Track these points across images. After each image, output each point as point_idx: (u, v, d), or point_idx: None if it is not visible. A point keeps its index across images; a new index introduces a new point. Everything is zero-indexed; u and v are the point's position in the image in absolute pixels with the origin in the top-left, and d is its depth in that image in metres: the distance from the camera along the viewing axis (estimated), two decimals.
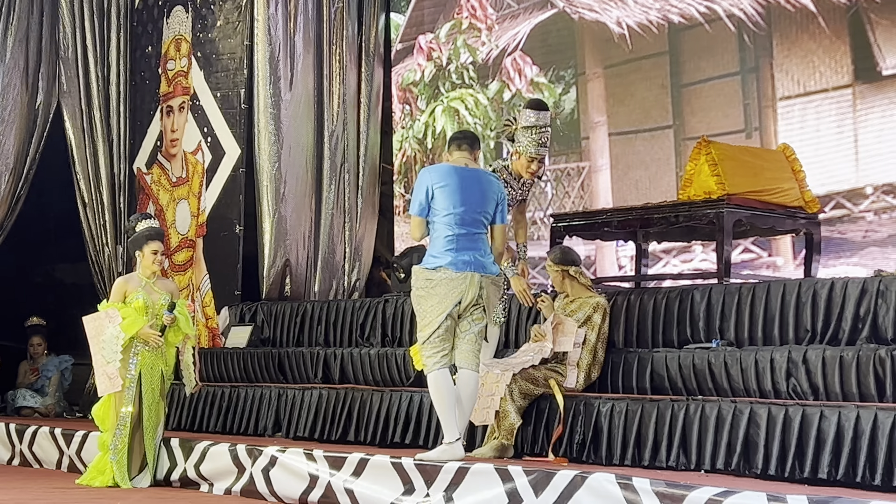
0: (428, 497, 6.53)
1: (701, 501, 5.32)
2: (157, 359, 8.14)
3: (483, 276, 6.75)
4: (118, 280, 8.34)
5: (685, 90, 9.99)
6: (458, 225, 6.72)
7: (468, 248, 6.72)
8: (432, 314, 6.69)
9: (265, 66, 10.98)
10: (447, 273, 6.67)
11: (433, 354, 6.69)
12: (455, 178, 6.77)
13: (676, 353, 7.21)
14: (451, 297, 6.67)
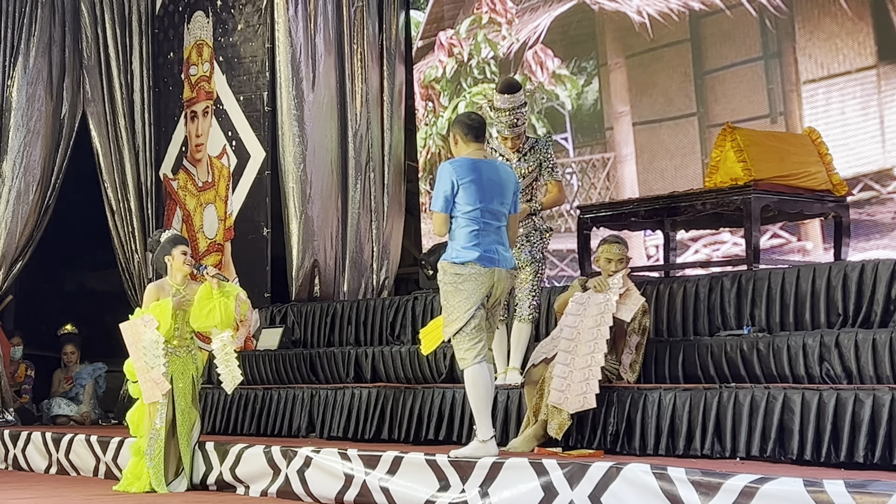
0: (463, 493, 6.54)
1: (737, 489, 5.30)
2: (187, 363, 8.16)
3: (508, 270, 6.78)
4: (150, 286, 8.34)
5: (708, 77, 9.94)
6: (483, 219, 6.71)
7: (495, 241, 6.72)
8: (461, 309, 6.67)
9: (287, 67, 11.00)
10: (475, 268, 6.65)
11: (471, 348, 6.65)
12: (478, 173, 6.74)
13: (708, 340, 7.19)
14: (480, 292, 6.65)
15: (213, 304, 8.01)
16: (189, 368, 8.16)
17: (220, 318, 8.02)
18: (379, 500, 7.00)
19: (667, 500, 5.60)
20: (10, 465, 10.45)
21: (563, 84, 10.86)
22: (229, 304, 8.03)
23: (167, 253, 8.24)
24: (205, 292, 8.03)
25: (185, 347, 8.18)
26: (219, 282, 8.05)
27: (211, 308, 8.00)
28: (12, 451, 10.44)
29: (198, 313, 8.03)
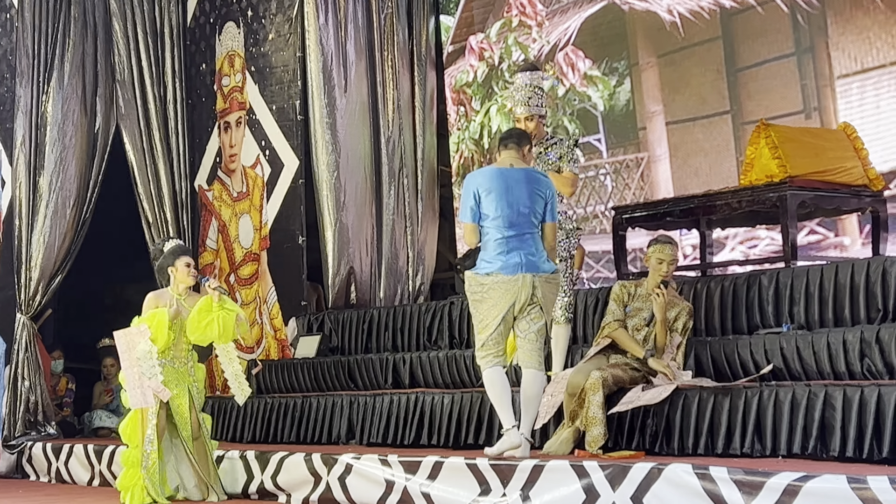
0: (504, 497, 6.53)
1: (781, 487, 5.28)
2: (182, 375, 8.11)
3: (536, 275, 6.77)
4: (149, 295, 8.26)
5: (741, 74, 9.90)
6: (507, 227, 6.77)
7: (518, 248, 6.76)
8: (488, 318, 6.79)
9: (318, 76, 11.03)
10: (499, 277, 6.74)
11: (487, 356, 6.82)
12: (500, 181, 6.81)
13: (747, 339, 7.16)
14: (506, 300, 6.74)
15: (212, 317, 7.97)
16: (185, 380, 8.10)
17: (218, 331, 7.98)
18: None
19: (710, 500, 5.58)
20: (53, 478, 10.53)
21: (594, 85, 10.84)
22: (229, 319, 8.00)
23: (170, 264, 8.22)
24: (204, 304, 7.99)
25: (181, 359, 8.12)
26: (220, 295, 8.00)
27: (209, 321, 7.96)
28: (55, 464, 10.51)
29: (195, 324, 7.98)
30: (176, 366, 8.10)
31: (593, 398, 6.93)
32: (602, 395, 6.93)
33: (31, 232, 11.59)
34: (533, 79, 7.76)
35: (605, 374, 7.00)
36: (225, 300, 8.04)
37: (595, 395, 6.92)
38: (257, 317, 11.48)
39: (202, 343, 8.15)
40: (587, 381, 6.99)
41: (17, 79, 11.80)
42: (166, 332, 7.97)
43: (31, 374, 11.48)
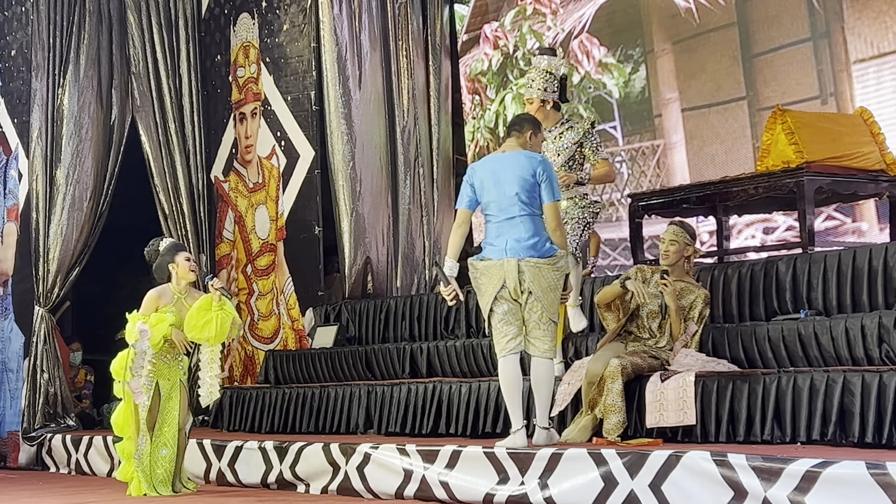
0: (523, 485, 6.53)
1: (799, 474, 5.27)
2: (173, 368, 8.09)
3: (521, 260, 6.73)
4: (151, 292, 8.19)
5: (756, 60, 9.87)
6: (497, 212, 6.86)
7: (505, 233, 6.80)
8: (483, 304, 6.87)
9: (333, 66, 11.03)
10: (488, 262, 6.84)
11: (499, 340, 6.83)
12: (488, 168, 6.92)
13: (765, 325, 7.14)
14: (493, 284, 6.79)
15: (211, 317, 7.92)
16: (175, 373, 8.09)
17: (214, 332, 7.94)
18: (439, 495, 7.01)
19: (728, 488, 5.57)
20: (72, 469, 10.57)
21: (609, 73, 10.82)
22: (225, 321, 7.96)
23: (171, 260, 8.17)
24: (204, 303, 7.95)
25: (174, 353, 8.09)
26: (220, 295, 7.97)
27: (207, 320, 7.92)
28: (75, 455, 10.56)
29: (193, 322, 7.93)
30: (168, 360, 8.09)
31: (612, 386, 6.92)
32: (621, 383, 6.93)
33: (48, 225, 11.63)
34: (538, 62, 7.87)
35: (625, 361, 7.00)
36: (225, 302, 8.01)
37: (614, 383, 6.92)
38: (274, 307, 11.51)
39: (197, 341, 8.11)
40: (606, 368, 6.99)
41: (33, 72, 11.84)
42: (161, 338, 7.98)
43: (50, 366, 11.52)
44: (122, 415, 8.17)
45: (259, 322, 11.64)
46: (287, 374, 10.41)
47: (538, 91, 7.77)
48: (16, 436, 11.71)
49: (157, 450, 8.02)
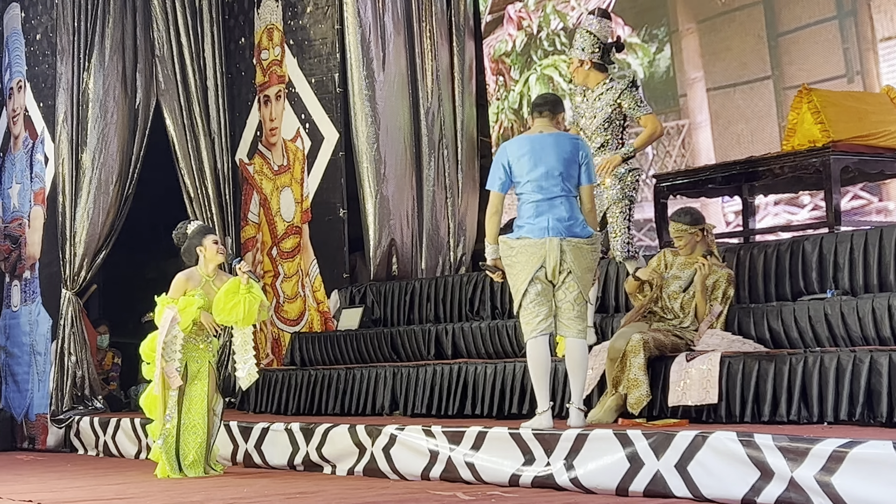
0: (548, 466, 6.54)
1: (826, 454, 5.26)
2: (203, 351, 8.17)
3: (563, 239, 6.74)
4: (179, 276, 8.26)
5: (782, 39, 9.81)
6: (537, 191, 6.80)
7: (547, 213, 6.77)
8: (517, 283, 6.79)
9: (357, 48, 11.03)
10: (526, 241, 6.76)
11: (529, 321, 6.78)
12: (529, 147, 6.85)
13: (791, 305, 7.12)
14: (532, 263, 6.73)
15: (238, 300, 7.97)
16: (205, 355, 8.17)
17: (242, 314, 7.99)
18: (465, 476, 7.02)
19: (754, 468, 5.56)
20: (100, 451, 10.64)
21: (634, 52, 10.77)
22: (253, 304, 8.00)
23: (199, 243, 8.23)
24: (232, 286, 8.01)
25: (202, 335, 8.16)
26: (248, 278, 8.01)
27: (235, 303, 7.97)
28: (102, 437, 10.63)
29: (221, 305, 8.00)
30: (197, 342, 8.16)
31: (635, 360, 6.93)
32: (643, 357, 6.93)
33: (74, 208, 11.68)
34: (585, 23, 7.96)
35: (646, 336, 7.01)
36: (252, 285, 8.04)
37: (636, 358, 6.93)
38: (300, 290, 11.54)
39: (226, 323, 8.17)
40: (628, 344, 6.99)
41: (58, 56, 11.88)
42: (190, 322, 8.02)
43: (78, 349, 11.59)
44: (150, 396, 8.25)
45: (285, 304, 11.67)
46: (313, 356, 10.45)
47: (577, 51, 7.82)
48: (44, 418, 11.79)
49: (186, 432, 8.07)
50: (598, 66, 7.83)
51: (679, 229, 7.35)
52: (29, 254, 12.48)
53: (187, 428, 8.09)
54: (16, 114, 12.77)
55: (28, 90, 12.55)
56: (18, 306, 12.58)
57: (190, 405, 8.11)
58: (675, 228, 7.38)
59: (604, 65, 7.88)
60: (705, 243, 7.40)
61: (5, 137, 12.99)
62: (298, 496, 6.83)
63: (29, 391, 12.25)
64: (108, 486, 7.93)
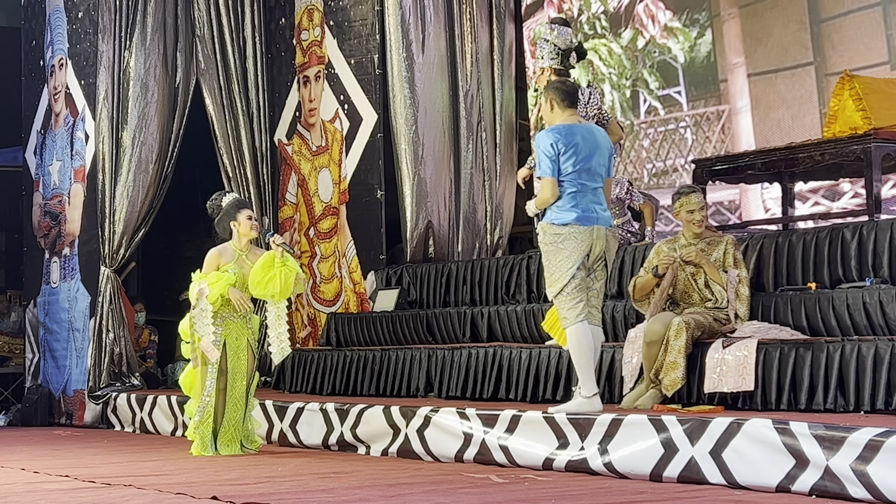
0: (582, 451, 6.54)
1: (862, 443, 5.23)
2: (242, 328, 8.20)
3: (607, 229, 6.90)
4: (212, 251, 8.31)
5: (825, 25, 9.73)
6: (581, 181, 6.88)
7: (592, 201, 6.89)
8: (562, 268, 6.83)
9: (397, 30, 11.02)
10: (575, 228, 6.81)
11: (573, 307, 6.81)
12: (579, 136, 6.92)
13: (829, 293, 7.07)
14: (580, 251, 6.81)
15: (274, 273, 8.01)
16: (244, 332, 8.20)
17: (279, 288, 8.03)
18: (498, 459, 7.03)
19: (790, 455, 5.54)
20: (137, 428, 10.72)
21: (675, 37, 10.71)
22: (289, 277, 8.02)
23: (232, 218, 8.25)
24: (268, 259, 8.04)
25: (240, 312, 8.17)
26: (283, 251, 8.03)
27: (271, 276, 8.01)
28: (139, 414, 10.71)
29: (258, 279, 8.03)
30: (236, 319, 8.20)
31: (676, 343, 6.94)
32: (685, 339, 6.94)
33: (114, 186, 11.75)
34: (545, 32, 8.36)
35: (687, 318, 7.01)
36: (287, 258, 8.07)
37: (678, 340, 6.94)
38: (336, 270, 11.56)
39: (262, 297, 8.22)
40: (669, 327, 6.98)
41: (100, 34, 11.94)
42: (218, 295, 8.02)
43: (116, 326, 11.67)
44: (189, 375, 8.31)
45: (321, 285, 11.70)
46: (348, 337, 10.47)
47: (538, 59, 8.24)
48: (82, 394, 11.89)
49: (230, 411, 8.12)
50: (558, 71, 8.16)
51: (699, 201, 7.36)
52: (68, 231, 12.57)
53: (228, 405, 8.13)
54: (57, 91, 12.85)
55: (69, 68, 12.62)
56: (58, 283, 12.68)
57: (233, 382, 8.16)
58: (697, 201, 7.38)
59: (565, 70, 8.21)
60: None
61: (46, 115, 13.07)
62: (332, 476, 6.86)
63: (67, 367, 12.36)
64: (143, 462, 7.99)
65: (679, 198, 7.43)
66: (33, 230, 13.23)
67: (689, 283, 7.35)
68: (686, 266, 7.34)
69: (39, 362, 12.83)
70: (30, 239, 13.31)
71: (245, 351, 8.22)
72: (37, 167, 13.24)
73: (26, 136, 13.47)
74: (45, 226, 12.97)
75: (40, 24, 13.19)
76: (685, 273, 7.34)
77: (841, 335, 6.83)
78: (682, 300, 7.38)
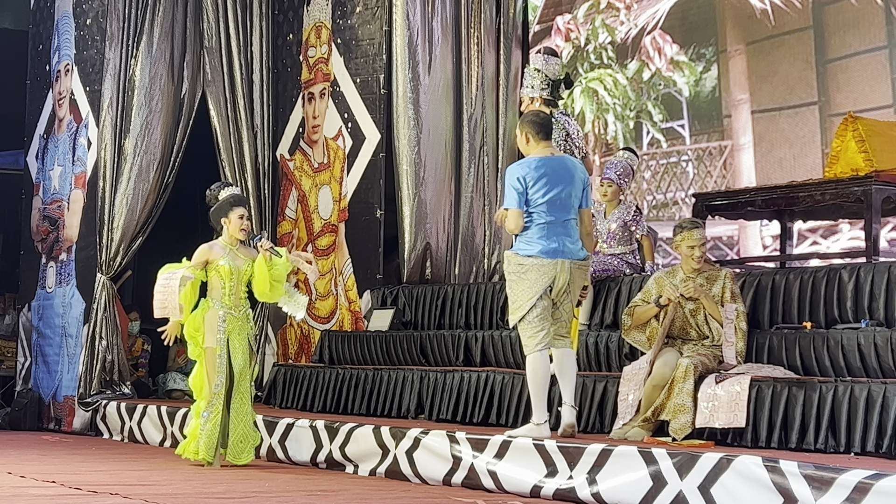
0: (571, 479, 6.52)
1: (851, 484, 5.22)
2: (243, 323, 8.33)
3: (572, 262, 7.06)
4: (202, 246, 8.45)
5: (830, 66, 9.77)
6: (550, 213, 7.05)
7: (561, 234, 7.05)
8: (523, 298, 7.05)
9: (404, 51, 11.04)
10: (539, 260, 7.02)
11: (533, 335, 7.05)
12: (549, 168, 7.08)
13: (824, 333, 7.07)
14: (542, 282, 7.02)
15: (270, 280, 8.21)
16: (245, 327, 8.35)
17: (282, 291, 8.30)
18: (486, 484, 7.02)
19: (778, 494, 5.53)
20: (125, 437, 10.69)
21: (680, 70, 10.75)
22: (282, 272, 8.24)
23: (224, 214, 8.39)
24: (260, 270, 8.21)
25: (240, 307, 8.32)
26: (270, 255, 8.19)
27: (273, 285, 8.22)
28: (128, 423, 10.68)
29: (262, 290, 8.24)
30: (236, 314, 8.31)
31: (684, 385, 6.93)
32: (693, 382, 6.95)
33: (114, 193, 11.75)
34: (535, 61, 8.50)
35: (695, 360, 7.01)
36: (275, 261, 8.22)
37: (686, 383, 6.94)
38: (332, 288, 11.55)
39: (267, 301, 8.49)
40: (677, 370, 6.98)
41: (107, 41, 11.95)
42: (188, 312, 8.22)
43: (109, 333, 11.65)
44: (198, 378, 8.39)
45: (317, 301, 11.69)
46: (342, 355, 10.46)
47: (527, 89, 8.37)
48: (71, 400, 11.86)
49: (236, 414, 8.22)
50: (547, 101, 8.30)
51: (701, 236, 7.36)
52: (66, 236, 12.57)
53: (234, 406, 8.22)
54: (62, 97, 12.86)
55: (75, 74, 12.63)
56: (53, 288, 12.67)
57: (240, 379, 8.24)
58: (699, 237, 7.37)
59: (553, 100, 8.33)
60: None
61: (50, 119, 13.08)
62: (320, 493, 6.84)
63: (58, 372, 12.33)
64: (131, 471, 7.96)
65: (681, 231, 7.43)
66: (31, 234, 13.22)
67: (687, 320, 7.35)
68: (686, 302, 7.34)
69: (31, 366, 12.81)
70: (27, 243, 13.31)
71: (247, 346, 8.34)
72: (38, 171, 13.25)
73: (29, 140, 13.48)
74: (43, 230, 12.96)
75: (48, 28, 13.22)
76: (684, 310, 7.34)
77: (834, 376, 6.83)
78: (679, 335, 7.38)
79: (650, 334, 7.47)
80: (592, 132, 11.50)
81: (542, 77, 8.29)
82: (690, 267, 7.39)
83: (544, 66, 8.37)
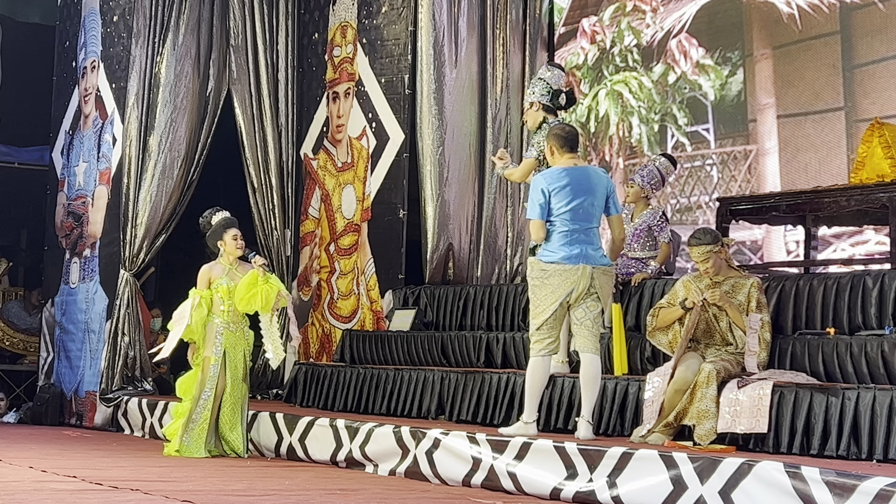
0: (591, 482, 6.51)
1: (873, 492, 5.20)
2: (239, 339, 8.84)
3: (595, 267, 7.20)
4: (203, 268, 9.02)
5: (857, 71, 9.72)
6: (572, 221, 7.23)
7: (581, 241, 7.22)
8: (545, 303, 7.25)
9: (429, 51, 11.04)
10: (560, 266, 7.20)
11: (540, 340, 7.28)
12: (572, 178, 7.28)
13: (848, 339, 7.04)
14: (564, 288, 7.19)
15: (257, 291, 8.70)
16: (241, 343, 8.87)
17: (261, 304, 8.71)
18: (506, 486, 7.01)
19: (800, 500, 5.51)
20: (146, 433, 10.73)
21: (706, 74, 10.71)
22: (271, 293, 8.72)
23: (219, 237, 8.99)
24: (251, 278, 8.74)
25: (237, 324, 8.87)
26: (264, 272, 8.75)
27: (254, 294, 8.70)
28: (149, 419, 10.71)
29: (241, 295, 8.73)
30: (233, 330, 8.83)
31: (707, 391, 6.90)
32: (716, 388, 6.92)
33: (138, 190, 11.78)
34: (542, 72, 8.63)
35: (718, 366, 6.98)
36: (269, 277, 8.78)
37: (709, 388, 6.91)
38: (354, 287, 11.56)
39: (248, 311, 8.86)
40: (700, 374, 6.95)
41: (134, 38, 11.99)
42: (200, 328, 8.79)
43: (131, 329, 11.69)
44: (187, 380, 8.92)
45: (338, 301, 11.70)
46: (363, 355, 10.47)
47: (529, 94, 8.51)
48: (93, 396, 11.91)
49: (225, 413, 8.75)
50: (546, 108, 8.36)
51: (705, 251, 7.29)
52: (90, 232, 12.61)
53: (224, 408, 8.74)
54: (87, 93, 12.91)
55: (101, 70, 12.68)
56: (76, 283, 12.72)
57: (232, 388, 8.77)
58: (701, 251, 7.29)
59: (552, 108, 8.40)
60: (726, 259, 7.42)
61: (76, 116, 13.14)
62: (339, 492, 6.84)
63: (80, 368, 12.38)
64: (151, 468, 7.99)
65: (688, 246, 7.44)
66: (55, 230, 13.28)
67: (712, 324, 7.32)
68: (710, 307, 7.31)
69: (53, 361, 12.86)
70: (51, 238, 13.36)
71: (242, 361, 8.85)
72: (63, 167, 13.30)
73: (54, 136, 13.53)
74: (67, 226, 13.02)
75: (74, 25, 13.27)
76: (708, 314, 7.31)
77: (857, 382, 6.79)
78: (703, 339, 7.36)
79: (672, 338, 7.45)
80: (617, 135, 11.48)
81: (544, 85, 8.43)
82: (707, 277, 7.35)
83: (548, 75, 8.51)
